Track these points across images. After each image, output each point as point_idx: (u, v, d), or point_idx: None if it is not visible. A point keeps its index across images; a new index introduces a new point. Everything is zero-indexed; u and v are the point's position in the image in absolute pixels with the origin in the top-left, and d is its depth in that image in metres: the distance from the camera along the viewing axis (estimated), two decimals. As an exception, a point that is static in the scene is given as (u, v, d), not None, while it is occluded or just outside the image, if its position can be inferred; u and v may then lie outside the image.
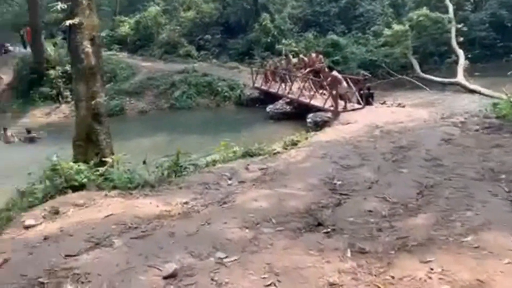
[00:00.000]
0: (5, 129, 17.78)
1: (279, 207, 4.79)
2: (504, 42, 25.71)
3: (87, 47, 7.47)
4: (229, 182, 6.75)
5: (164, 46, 29.90)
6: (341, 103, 14.72)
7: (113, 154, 7.50)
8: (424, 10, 23.94)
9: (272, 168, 7.79)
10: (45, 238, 4.00)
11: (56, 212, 4.73)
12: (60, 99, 22.91)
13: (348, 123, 12.79)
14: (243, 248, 3.66)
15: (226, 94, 22.57)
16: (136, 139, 16.61)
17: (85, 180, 5.48)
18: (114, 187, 5.74)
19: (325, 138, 10.73)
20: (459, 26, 23.89)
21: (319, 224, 4.33)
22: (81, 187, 5.49)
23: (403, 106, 15.29)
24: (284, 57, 21.19)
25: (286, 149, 10.85)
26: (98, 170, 6.02)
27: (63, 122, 20.27)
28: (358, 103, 15.14)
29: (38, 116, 22.24)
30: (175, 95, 22.97)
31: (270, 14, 27.43)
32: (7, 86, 24.51)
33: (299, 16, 28.94)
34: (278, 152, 10.23)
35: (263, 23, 26.78)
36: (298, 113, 17.39)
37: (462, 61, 22.03)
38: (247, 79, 23.23)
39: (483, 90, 19.06)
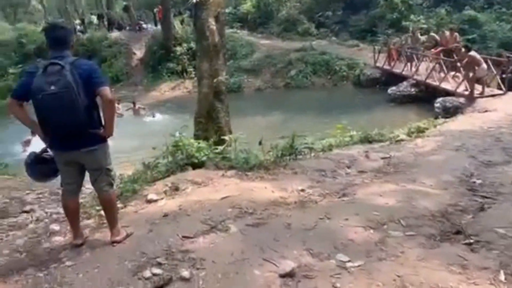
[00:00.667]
0: (134, 103, 19.32)
1: (408, 207, 4.22)
2: None
3: (212, 24, 7.48)
4: (348, 170, 6.28)
5: (283, 23, 29.77)
6: (478, 87, 13.01)
7: (231, 132, 7.50)
8: None
9: (396, 158, 7.09)
10: (165, 215, 4.03)
11: (176, 189, 4.78)
12: (185, 74, 24.28)
13: (486, 111, 11.24)
14: (368, 252, 3.24)
15: (344, 73, 21.70)
16: (252, 117, 16.83)
17: (204, 158, 5.49)
18: (231, 167, 5.67)
19: (458, 127, 9.54)
20: None
21: (458, 232, 3.68)
22: (200, 164, 5.52)
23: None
24: (411, 34, 19.45)
25: (410, 136, 9.91)
26: (216, 149, 6.00)
27: (186, 97, 21.43)
28: (499, 88, 13.24)
29: (164, 90, 23.93)
30: (291, 73, 22.79)
31: (398, -13, 25.38)
32: (139, 61, 26.74)
33: (431, -10, 26.31)
34: (402, 140, 9.39)
35: (390, -3, 24.94)
36: (425, 97, 15.93)
37: None
38: (368, 58, 22.00)
39: None
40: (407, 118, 14.74)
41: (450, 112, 12.97)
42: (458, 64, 14.39)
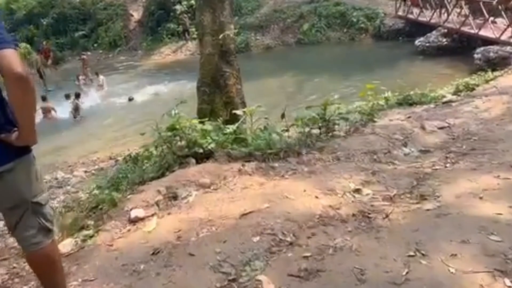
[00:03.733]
0: (97, 74, 17.19)
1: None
2: None
3: (215, -37, 5.73)
4: (406, 150, 4.71)
5: (291, -27, 27.25)
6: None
7: (244, 104, 5.92)
8: None
9: (458, 128, 5.48)
10: (154, 253, 2.54)
11: (174, 197, 3.29)
12: (186, 35, 22.33)
13: (545, 61, 9.43)
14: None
15: (362, 25, 19.63)
16: (262, 79, 15.10)
17: (212, 145, 3.94)
18: (249, 154, 4.12)
19: (517, 83, 7.82)
20: None
21: None
22: (207, 155, 3.98)
23: None
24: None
25: (458, 95, 8.25)
26: (227, 129, 4.45)
27: (190, 60, 19.62)
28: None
29: (165, 53, 22.11)
30: (303, 28, 20.76)
31: None
32: (137, 23, 24.74)
33: None
34: (451, 101, 7.71)
35: None
36: (459, 48, 14.06)
37: None
38: (388, 7, 19.85)
39: None
40: (440, 72, 12.99)
41: (494, 64, 11.15)
42: (500, 6, 12.38)
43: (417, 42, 15.07)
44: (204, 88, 5.77)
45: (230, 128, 4.57)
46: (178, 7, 22.93)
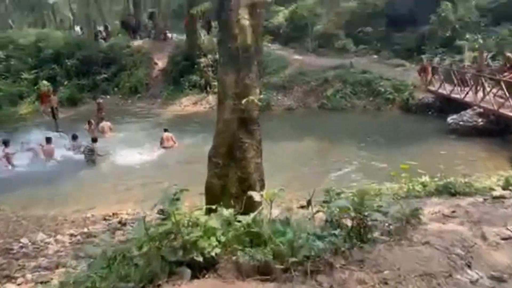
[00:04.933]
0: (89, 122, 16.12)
1: None
2: None
3: (244, 18, 4.96)
4: (471, 274, 3.56)
5: (318, 38, 27.36)
6: None
7: (263, 182, 4.92)
8: None
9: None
10: None
11: None
12: (208, 88, 21.96)
13: None
14: None
15: (389, 96, 18.92)
16: (281, 142, 14.19)
17: (216, 250, 2.88)
18: (266, 264, 3.04)
19: None
20: None
21: None
22: (208, 263, 2.90)
23: None
24: (479, 54, 16.57)
25: (510, 190, 7.12)
26: (239, 222, 3.41)
27: (209, 113, 18.99)
28: None
29: (185, 104, 21.65)
30: (327, 93, 20.16)
31: (453, 3, 22.56)
32: (160, 71, 24.62)
33: (490, 7, 23.35)
34: (502, 197, 6.58)
35: (443, 14, 22.11)
36: (496, 130, 13.03)
37: None
38: (417, 79, 19.20)
39: None
40: (476, 156, 11.92)
41: (541, 153, 10.07)
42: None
43: (449, 120, 14.14)
44: (217, 160, 4.80)
45: (243, 220, 3.52)
46: (203, 59, 22.79)
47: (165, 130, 14.43)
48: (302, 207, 5.10)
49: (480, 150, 12.29)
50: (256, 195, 4.03)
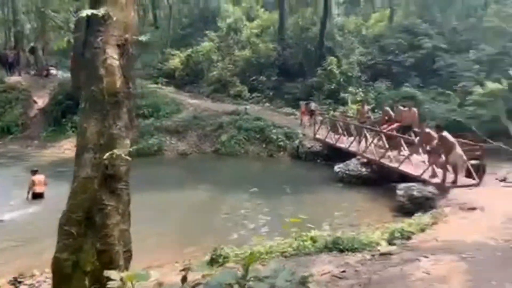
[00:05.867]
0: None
1: None
2: None
3: (112, 57, 4.25)
4: None
5: (214, 83, 27.41)
6: (448, 175, 10.93)
7: (130, 253, 4.07)
8: (529, 67, 20.06)
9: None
10: None
11: None
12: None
13: (472, 209, 8.90)
14: None
15: (281, 143, 19.21)
16: (170, 191, 13.32)
17: None
18: None
19: (459, 236, 6.91)
20: None
21: None
22: None
23: (531, 187, 11.28)
24: (361, 106, 17.68)
25: (393, 244, 7.14)
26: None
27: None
28: (469, 177, 11.27)
29: (66, 147, 19.56)
30: (222, 138, 19.86)
31: (337, 58, 24.34)
32: (39, 110, 22.27)
33: (369, 64, 25.67)
34: (389, 253, 6.53)
35: (329, 67, 23.67)
36: (378, 179, 13.67)
37: None
38: (308, 129, 19.88)
39: None
40: (361, 205, 12.25)
41: (419, 204, 10.60)
42: (428, 146, 12.37)
43: (336, 168, 14.61)
44: (70, 228, 3.84)
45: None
46: (89, 100, 21.13)
47: (34, 172, 12.51)
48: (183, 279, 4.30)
49: (365, 200, 12.70)
50: (114, 275, 3.17)
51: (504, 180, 11.58)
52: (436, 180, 10.99)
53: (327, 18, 26.36)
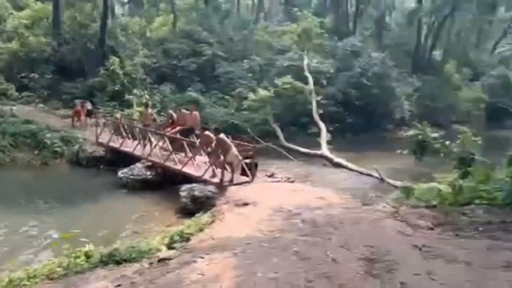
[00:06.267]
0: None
1: None
2: (352, 119, 26.93)
3: None
4: None
5: (-31, 80, 22.77)
6: (226, 174, 11.66)
7: None
8: (289, 78, 23.38)
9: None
10: None
11: None
12: None
13: (246, 204, 9.68)
14: None
15: (57, 149, 17.23)
16: None
17: None
18: None
19: (233, 232, 7.34)
20: (318, 99, 23.93)
21: None
22: None
23: (292, 181, 13.07)
24: (145, 109, 17.30)
25: (174, 248, 7.10)
26: None
27: None
28: (243, 174, 12.30)
29: None
30: (-28, 146, 16.56)
31: (120, 59, 23.42)
32: None
33: (153, 67, 25.62)
34: (168, 258, 6.43)
35: (111, 67, 22.55)
36: (164, 182, 13.63)
37: (324, 134, 21.62)
38: (89, 132, 18.45)
39: (350, 165, 18.47)
40: (147, 210, 11.96)
41: (200, 203, 11.00)
42: (205, 147, 12.92)
43: (120, 174, 13.92)
44: None
45: None
46: None
47: None
48: None
49: (150, 204, 12.46)
50: None
51: (272, 176, 13.07)
52: (216, 179, 11.58)
53: (108, 15, 25.13)
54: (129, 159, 14.99)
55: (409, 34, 37.53)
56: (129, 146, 15.70)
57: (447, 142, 15.94)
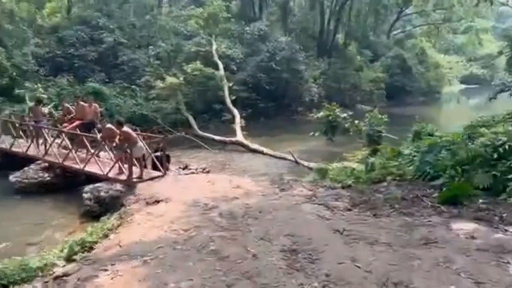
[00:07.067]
0: None
1: None
2: (264, 103, 26.95)
3: None
4: None
5: None
6: (135, 169, 10.73)
7: None
8: (199, 64, 22.51)
9: None
10: None
11: None
12: None
13: (157, 201, 8.92)
14: None
15: None
16: None
17: None
18: None
19: (144, 235, 6.58)
20: (230, 85, 23.45)
21: None
22: None
23: (208, 172, 12.49)
24: (33, 105, 15.39)
25: (73, 260, 6.18)
26: None
27: None
28: (155, 168, 11.45)
29: None
30: None
31: (6, 48, 20.75)
32: None
33: (47, 57, 23.15)
34: (65, 275, 5.55)
35: (-5, 59, 19.89)
36: (64, 184, 12.26)
37: (238, 120, 21.30)
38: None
39: (266, 150, 18.40)
40: (44, 219, 10.55)
41: (105, 204, 10.01)
42: (104, 142, 11.78)
43: (12, 178, 12.22)
44: None
45: None
46: None
47: None
48: None
49: (50, 209, 11.09)
50: None
51: (186, 167, 12.37)
52: (123, 176, 10.61)
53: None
54: (24, 161, 13.27)
55: (313, 18, 38.46)
56: (22, 146, 13.92)
57: (356, 121, 16.50)
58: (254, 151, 18.93)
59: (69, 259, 6.14)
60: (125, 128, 10.56)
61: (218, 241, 5.93)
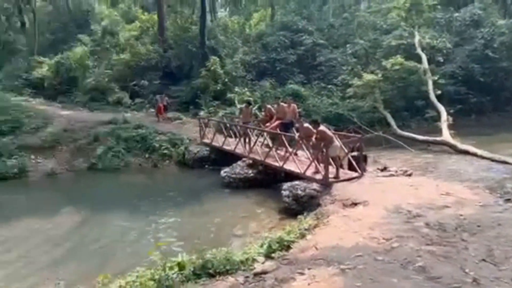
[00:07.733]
0: None
1: None
2: (477, 98, 23.53)
3: None
4: None
5: (90, 92, 24.83)
6: (331, 169, 10.46)
7: None
8: (399, 59, 21.07)
9: None
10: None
11: None
12: None
13: (355, 204, 8.40)
14: None
15: (165, 151, 17.67)
16: (22, 221, 11.17)
17: None
18: None
19: (340, 240, 6.17)
20: (435, 78, 21.20)
21: None
22: None
23: (410, 174, 11.33)
24: (244, 106, 16.78)
25: (271, 257, 6.20)
26: None
27: None
28: (351, 169, 10.97)
29: None
30: (97, 152, 17.67)
31: (220, 58, 23.49)
32: None
33: (253, 63, 25.28)
34: (265, 272, 5.54)
35: (212, 68, 22.69)
36: (265, 180, 12.95)
37: (445, 117, 19.01)
38: (193, 133, 18.66)
39: (480, 151, 15.83)
40: (249, 211, 11.30)
41: (302, 202, 10.01)
42: (306, 141, 11.87)
43: (222, 173, 13.58)
44: None
45: None
46: None
47: None
48: None
49: (252, 204, 11.82)
50: None
51: (384, 169, 11.49)
52: (319, 176, 10.46)
53: (206, 16, 25.45)
54: (232, 157, 14.63)
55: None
56: (231, 144, 15.36)
57: None
58: (464, 152, 16.57)
59: (268, 256, 6.18)
60: (321, 127, 10.39)
61: (427, 257, 5.05)
